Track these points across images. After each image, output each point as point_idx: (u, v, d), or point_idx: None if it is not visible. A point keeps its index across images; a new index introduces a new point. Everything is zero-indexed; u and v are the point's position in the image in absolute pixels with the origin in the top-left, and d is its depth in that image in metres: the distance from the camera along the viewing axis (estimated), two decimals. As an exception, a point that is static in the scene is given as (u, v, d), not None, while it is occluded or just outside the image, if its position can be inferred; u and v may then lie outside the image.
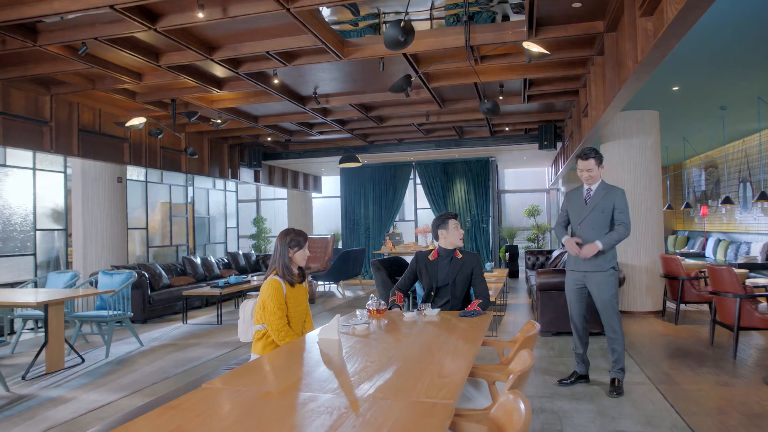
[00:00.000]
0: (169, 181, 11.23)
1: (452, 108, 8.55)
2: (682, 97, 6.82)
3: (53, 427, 3.72)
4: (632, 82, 4.59)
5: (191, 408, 1.82)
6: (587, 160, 4.15)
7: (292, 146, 11.97)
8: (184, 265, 9.80)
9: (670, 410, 3.75)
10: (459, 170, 13.60)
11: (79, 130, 7.46)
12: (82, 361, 5.50)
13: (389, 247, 12.15)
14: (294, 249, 3.29)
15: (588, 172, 4.14)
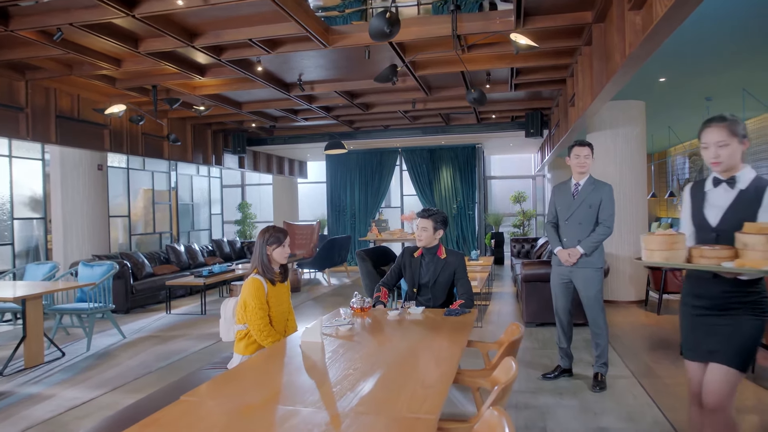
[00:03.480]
0: (151, 167, 11.03)
1: (439, 96, 8.47)
2: (669, 88, 6.81)
3: (31, 427, 3.65)
4: (620, 76, 4.55)
5: (170, 423, 1.78)
6: (584, 147, 4.14)
7: (277, 132, 11.81)
8: (167, 253, 9.69)
9: (652, 405, 3.79)
10: (445, 157, 13.56)
11: (56, 116, 7.25)
12: (62, 355, 5.42)
13: (375, 233, 12.11)
14: (273, 246, 3.23)
15: (585, 158, 4.12)
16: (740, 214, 2.20)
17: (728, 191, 2.28)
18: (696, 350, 2.38)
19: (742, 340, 2.23)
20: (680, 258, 2.20)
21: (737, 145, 2.23)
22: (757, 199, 2.20)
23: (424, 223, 3.83)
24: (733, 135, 2.22)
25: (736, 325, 2.24)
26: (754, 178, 2.26)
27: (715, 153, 2.24)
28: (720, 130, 2.24)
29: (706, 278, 2.31)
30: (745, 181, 2.26)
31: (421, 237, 3.84)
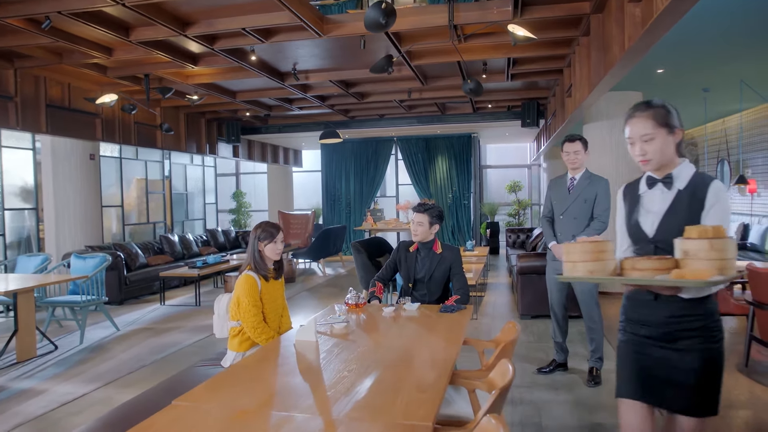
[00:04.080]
0: (144, 156, 10.92)
1: (435, 85, 8.39)
2: (666, 79, 6.76)
3: (24, 423, 3.63)
4: (619, 68, 4.50)
5: (162, 430, 1.74)
6: (574, 142, 4.09)
7: (271, 121, 11.70)
8: (161, 243, 9.62)
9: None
10: (441, 146, 13.50)
11: (46, 105, 7.14)
12: (55, 348, 5.38)
13: (370, 223, 12.07)
14: (264, 242, 3.18)
15: (575, 154, 4.08)
16: (680, 220, 1.82)
17: (665, 193, 1.91)
18: (641, 389, 1.96)
19: (705, 379, 1.87)
20: (608, 270, 1.80)
21: (667, 136, 1.88)
22: (698, 200, 1.84)
23: (420, 217, 3.79)
24: (661, 125, 1.87)
25: (693, 361, 1.85)
26: (693, 174, 1.90)
27: (641, 149, 1.89)
28: (644, 121, 1.88)
29: (647, 300, 1.92)
30: (684, 179, 1.90)
31: (417, 232, 3.81)
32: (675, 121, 1.89)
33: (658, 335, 1.91)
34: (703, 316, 1.86)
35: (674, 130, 1.89)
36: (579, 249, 1.80)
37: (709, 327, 1.87)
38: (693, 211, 1.84)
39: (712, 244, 1.63)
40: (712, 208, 1.82)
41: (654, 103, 1.91)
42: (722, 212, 1.83)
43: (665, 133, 1.88)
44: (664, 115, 1.88)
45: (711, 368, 1.88)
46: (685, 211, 1.86)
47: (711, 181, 1.85)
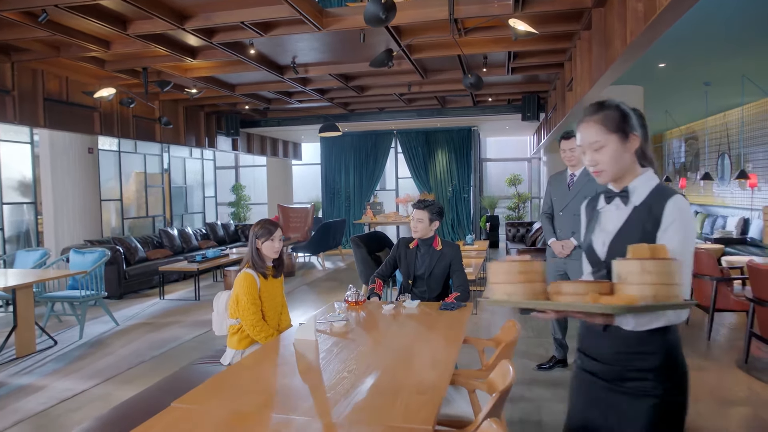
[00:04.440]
0: (143, 150, 10.88)
1: (435, 79, 8.35)
2: (668, 73, 6.73)
3: (23, 420, 3.62)
4: (620, 63, 4.46)
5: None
6: (570, 139, 4.07)
7: (270, 114, 11.65)
8: (160, 237, 9.61)
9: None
10: (441, 139, 13.45)
11: (44, 99, 7.09)
12: (54, 343, 5.37)
13: (370, 216, 12.05)
14: (262, 240, 3.16)
15: (571, 152, 4.06)
16: (633, 241, 1.52)
17: (620, 209, 1.66)
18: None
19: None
20: (533, 293, 1.53)
21: (620, 144, 1.61)
22: (654, 218, 1.56)
23: (420, 214, 3.78)
24: (612, 131, 1.61)
25: (643, 410, 1.52)
26: (654, 188, 1.62)
27: (592, 159, 1.65)
28: (593, 126, 1.63)
29: (595, 331, 1.63)
30: (641, 193, 1.63)
31: (417, 228, 3.79)
32: (631, 126, 1.63)
33: (605, 373, 1.60)
34: (659, 354, 1.52)
35: (629, 135, 1.62)
36: (502, 269, 1.56)
37: (667, 367, 1.52)
38: (647, 231, 1.56)
39: (644, 266, 1.37)
40: (670, 227, 1.53)
41: (606, 105, 1.65)
42: (682, 232, 1.52)
43: (618, 140, 1.61)
44: (616, 119, 1.62)
45: (665, 422, 1.53)
46: (639, 231, 1.58)
47: (671, 195, 1.57)
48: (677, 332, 1.58)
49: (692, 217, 1.59)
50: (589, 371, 1.65)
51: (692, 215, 1.57)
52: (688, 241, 1.54)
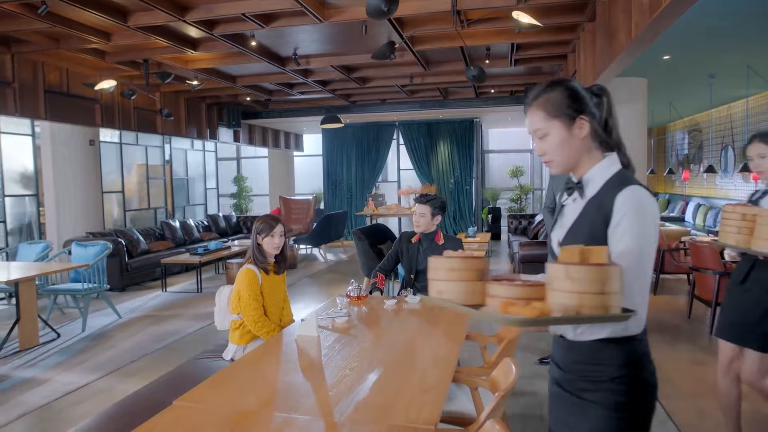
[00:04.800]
0: (144, 142, 10.86)
1: (437, 70, 8.30)
2: (672, 65, 6.67)
3: (27, 413, 3.64)
4: (624, 56, 4.42)
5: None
6: None
7: (272, 105, 11.61)
8: (162, 229, 9.62)
9: (648, 392, 3.80)
10: (443, 131, 13.40)
11: (45, 91, 7.07)
12: (57, 336, 5.39)
13: (372, 208, 12.04)
14: (262, 235, 3.15)
15: None
16: (582, 239, 1.38)
17: (577, 202, 1.47)
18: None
19: None
20: (470, 293, 1.35)
21: (564, 129, 1.42)
22: (603, 213, 1.36)
23: (422, 209, 3.76)
24: (554, 116, 1.43)
25: (596, 424, 1.38)
26: (609, 178, 1.41)
27: (539, 147, 1.49)
28: (533, 112, 1.46)
29: (558, 339, 1.51)
30: (596, 184, 1.43)
31: (419, 223, 3.78)
32: (578, 108, 1.42)
33: (567, 383, 1.45)
34: (615, 366, 1.35)
35: (576, 119, 1.41)
36: (445, 265, 1.40)
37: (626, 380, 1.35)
38: (596, 228, 1.36)
39: (568, 272, 1.19)
40: (620, 224, 1.32)
41: (550, 86, 1.45)
42: (635, 230, 1.31)
43: (562, 126, 1.42)
44: (558, 102, 1.42)
45: None
46: (588, 228, 1.39)
47: (624, 186, 1.34)
48: (640, 342, 1.37)
49: (650, 211, 1.33)
50: (556, 380, 1.52)
51: (651, 209, 1.33)
52: (642, 240, 1.31)
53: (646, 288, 1.33)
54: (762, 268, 2.56)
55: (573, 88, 1.44)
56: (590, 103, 1.44)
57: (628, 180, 1.37)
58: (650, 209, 1.34)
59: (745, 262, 2.64)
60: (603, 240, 1.34)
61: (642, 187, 1.35)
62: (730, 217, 2.46)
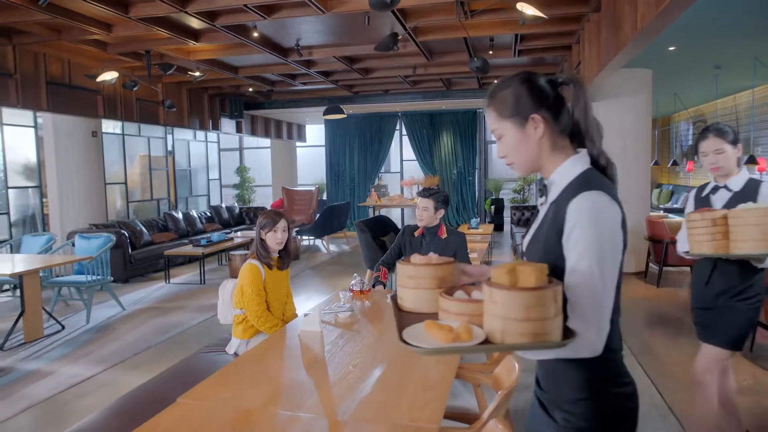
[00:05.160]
0: (147, 133, 10.84)
1: (440, 61, 8.24)
2: (678, 56, 6.61)
3: (32, 406, 3.67)
4: (630, 49, 4.38)
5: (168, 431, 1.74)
6: None
7: (274, 96, 11.56)
8: (165, 220, 9.63)
9: (650, 386, 3.81)
10: (446, 122, 13.34)
11: (47, 82, 7.05)
12: (62, 328, 5.42)
13: (374, 199, 12.03)
14: (265, 231, 3.14)
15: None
16: (538, 249, 1.29)
17: (543, 207, 1.36)
18: None
19: None
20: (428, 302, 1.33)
21: (517, 129, 1.31)
22: (558, 222, 1.23)
23: (425, 202, 3.75)
24: (505, 116, 1.32)
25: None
26: (572, 180, 1.26)
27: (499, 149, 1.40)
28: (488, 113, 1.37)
29: None
30: (558, 188, 1.30)
31: (422, 217, 3.77)
32: (531, 105, 1.28)
33: (544, 400, 1.37)
34: (578, 389, 1.25)
35: (528, 118, 1.29)
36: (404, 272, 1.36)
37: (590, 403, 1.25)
38: (550, 237, 1.24)
39: (492, 295, 1.10)
40: (571, 235, 1.19)
41: (503, 83, 1.33)
42: (586, 242, 1.16)
43: (514, 126, 1.30)
44: (508, 101, 1.30)
45: None
46: (543, 237, 1.27)
47: (581, 192, 1.20)
48: (605, 363, 1.24)
49: (608, 220, 1.17)
50: (536, 396, 1.43)
51: (609, 218, 1.17)
52: (596, 253, 1.15)
53: (603, 307, 1.16)
54: (723, 267, 2.51)
55: (527, 84, 1.30)
56: (548, 97, 1.29)
57: (588, 184, 1.21)
58: (608, 217, 1.18)
59: (706, 265, 2.59)
60: (556, 251, 1.21)
61: (602, 193, 1.19)
62: (700, 225, 2.33)
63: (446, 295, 1.24)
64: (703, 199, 2.66)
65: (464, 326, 1.12)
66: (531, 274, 1.08)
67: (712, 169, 2.56)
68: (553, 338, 1.07)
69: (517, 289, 1.07)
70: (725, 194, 2.57)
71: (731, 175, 2.55)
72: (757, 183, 2.52)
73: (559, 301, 1.09)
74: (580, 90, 1.31)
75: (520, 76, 1.32)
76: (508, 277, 1.09)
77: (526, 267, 1.10)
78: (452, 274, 1.37)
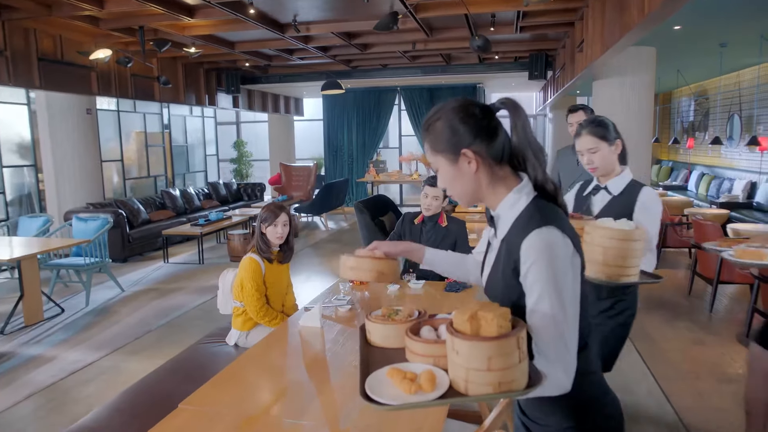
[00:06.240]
0: (142, 109, 10.69)
1: (440, 37, 8.08)
2: (683, 35, 6.47)
3: (35, 393, 3.69)
4: (636, 32, 4.28)
5: (168, 438, 1.74)
6: (576, 113, 3.95)
7: (271, 71, 11.37)
8: (163, 198, 9.58)
9: (647, 374, 3.84)
10: (445, 96, 13.11)
11: (38, 59, 6.89)
12: (61, 311, 5.43)
13: (373, 175, 11.97)
14: (265, 224, 3.11)
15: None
16: (498, 288, 1.27)
17: (494, 241, 1.34)
18: None
19: None
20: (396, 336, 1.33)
21: (450, 165, 1.25)
22: (513, 262, 1.20)
23: (435, 191, 3.63)
24: (436, 150, 1.25)
25: None
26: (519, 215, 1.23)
27: (441, 183, 1.34)
28: (424, 143, 1.32)
29: None
30: (506, 223, 1.26)
31: (431, 207, 3.66)
32: (462, 140, 1.21)
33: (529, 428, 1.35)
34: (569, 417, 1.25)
35: (460, 152, 1.22)
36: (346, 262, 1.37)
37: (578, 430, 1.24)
38: (508, 277, 1.20)
39: (453, 343, 1.06)
40: (528, 275, 1.15)
41: (434, 114, 1.27)
42: (543, 282, 1.12)
43: (446, 161, 1.24)
44: (437, 136, 1.24)
45: None
46: (501, 275, 1.23)
47: (531, 230, 1.15)
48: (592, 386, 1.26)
49: (563, 256, 1.13)
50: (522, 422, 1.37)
51: (563, 254, 1.13)
52: (555, 292, 1.11)
53: (568, 345, 1.12)
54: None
55: (459, 116, 1.22)
56: (482, 128, 1.23)
57: (536, 219, 1.16)
58: (561, 253, 1.13)
59: None
60: (518, 289, 1.17)
61: (551, 228, 1.14)
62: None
63: (412, 333, 1.22)
64: (584, 198, 2.41)
65: (427, 375, 1.09)
66: (492, 322, 1.04)
67: (589, 169, 2.34)
68: (518, 386, 1.04)
69: (479, 339, 1.03)
70: (605, 197, 2.33)
71: (611, 175, 2.33)
72: (637, 187, 2.28)
73: (524, 346, 1.06)
74: (516, 115, 1.26)
75: (451, 106, 1.25)
76: (469, 325, 1.05)
77: (488, 314, 1.05)
78: (394, 271, 1.37)
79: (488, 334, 1.03)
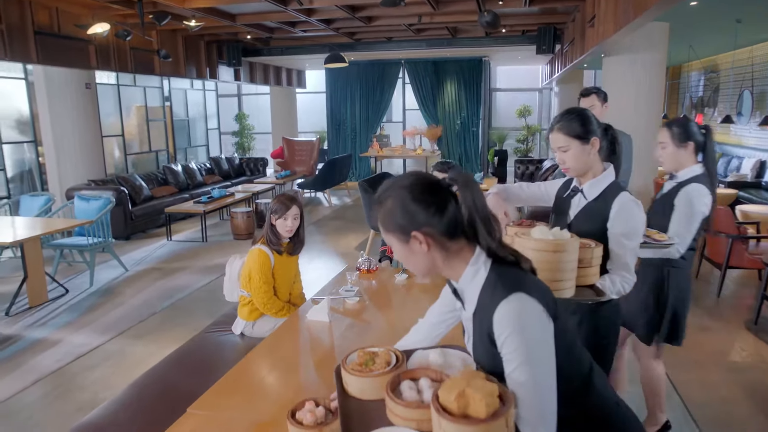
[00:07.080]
0: (143, 83, 10.50)
1: (447, 10, 7.86)
2: (698, 10, 6.27)
3: (42, 378, 3.69)
4: (653, 12, 4.12)
5: (177, 446, 1.72)
6: (589, 97, 3.85)
7: (273, 43, 11.13)
8: (165, 173, 9.49)
9: (654, 363, 3.82)
10: (450, 70, 12.94)
11: (35, 32, 6.71)
12: (66, 291, 5.42)
13: (376, 149, 11.85)
14: (275, 216, 3.05)
15: (592, 108, 3.84)
16: (482, 356, 1.29)
17: (464, 312, 1.40)
18: None
19: None
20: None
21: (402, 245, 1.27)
22: (488, 333, 1.24)
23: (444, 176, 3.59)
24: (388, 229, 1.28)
25: None
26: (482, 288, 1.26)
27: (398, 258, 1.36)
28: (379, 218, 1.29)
29: None
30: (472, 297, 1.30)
31: None
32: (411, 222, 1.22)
33: None
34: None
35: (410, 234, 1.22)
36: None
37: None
38: (487, 349, 1.21)
39: (440, 423, 1.07)
40: (504, 346, 1.16)
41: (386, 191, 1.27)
42: (520, 352, 1.13)
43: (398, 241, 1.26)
44: (390, 214, 1.25)
45: None
46: (481, 347, 1.24)
47: (499, 301, 1.15)
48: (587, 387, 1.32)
49: (534, 323, 1.14)
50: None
51: (534, 320, 1.14)
52: (534, 361, 1.12)
53: (546, 409, 1.14)
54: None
55: (408, 195, 1.21)
56: (430, 205, 1.21)
57: (500, 290, 1.16)
58: (532, 319, 1.14)
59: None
60: (500, 358, 1.16)
61: (518, 294, 1.14)
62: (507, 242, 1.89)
63: (392, 395, 1.20)
64: (564, 200, 2.15)
65: None
66: (481, 402, 1.03)
67: (562, 169, 2.05)
68: None
69: (466, 422, 1.02)
70: (580, 201, 2.06)
71: (588, 176, 2.03)
72: (614, 191, 2.00)
73: (511, 424, 1.06)
74: (465, 190, 1.23)
75: (403, 184, 1.24)
76: (457, 404, 1.04)
77: (476, 393, 1.04)
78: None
79: (476, 414, 1.03)
